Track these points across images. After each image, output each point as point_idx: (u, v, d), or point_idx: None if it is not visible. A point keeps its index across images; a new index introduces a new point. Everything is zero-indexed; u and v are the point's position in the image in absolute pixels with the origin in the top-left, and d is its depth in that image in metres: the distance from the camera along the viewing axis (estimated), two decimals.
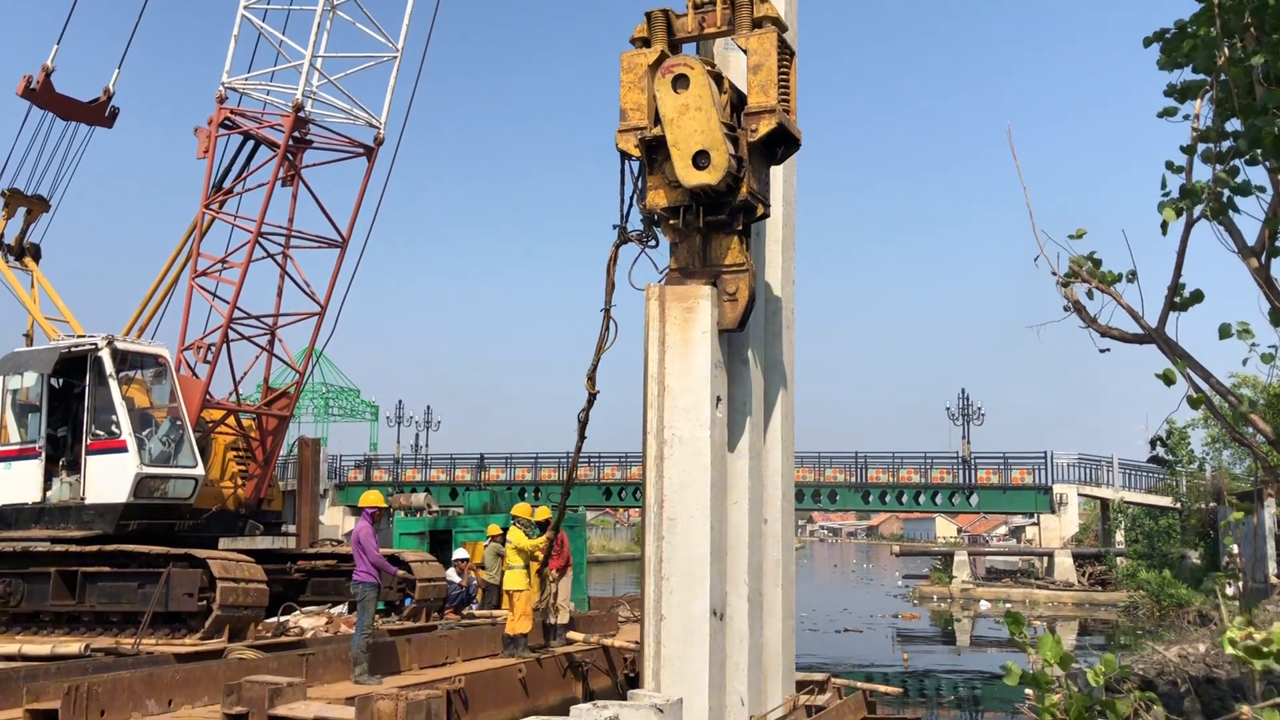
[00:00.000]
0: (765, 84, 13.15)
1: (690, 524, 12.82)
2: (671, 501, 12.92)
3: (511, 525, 15.83)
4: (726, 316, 13.45)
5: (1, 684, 10.79)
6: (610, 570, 68.42)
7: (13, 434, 17.46)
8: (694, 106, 12.77)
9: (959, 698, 23.72)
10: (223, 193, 19.35)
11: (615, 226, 14.02)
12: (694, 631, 12.63)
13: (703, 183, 12.62)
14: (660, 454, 13.06)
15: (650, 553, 12.96)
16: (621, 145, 13.51)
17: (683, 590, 12.74)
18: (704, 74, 12.75)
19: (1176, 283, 6.84)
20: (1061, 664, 4.05)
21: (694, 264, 13.72)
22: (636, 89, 13.51)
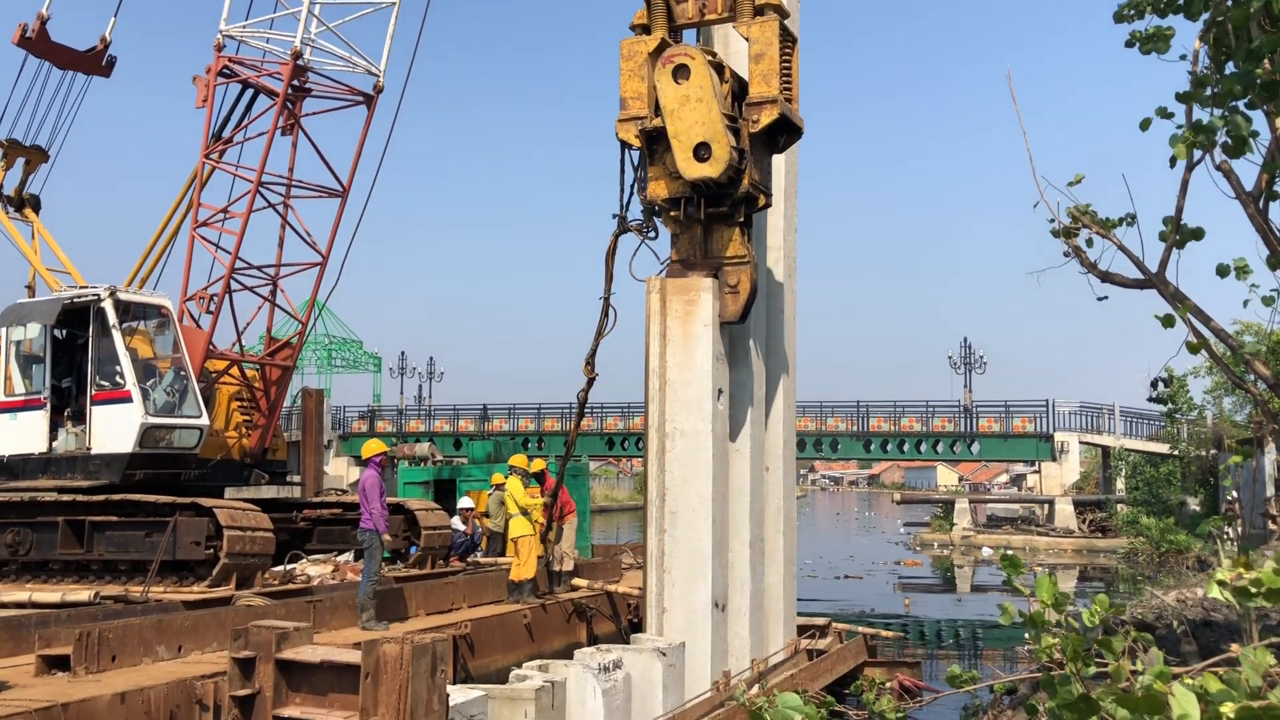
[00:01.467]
0: (767, 73, 12.87)
1: (692, 518, 12.87)
2: (674, 495, 12.96)
3: (510, 475, 15.96)
4: (728, 309, 13.34)
5: (14, 630, 10.94)
6: (614, 519, 68.90)
7: (17, 385, 17.53)
8: (695, 98, 12.50)
9: (959, 642, 23.99)
10: (222, 142, 19.25)
11: (615, 216, 13.87)
12: (696, 624, 12.75)
13: (704, 175, 12.44)
14: (662, 447, 13.07)
15: (652, 546, 13.05)
16: (622, 135, 13.29)
17: (685, 583, 12.83)
18: (705, 64, 12.48)
19: (1178, 222, 6.82)
20: (1057, 606, 4.10)
21: (695, 256, 13.58)
22: (636, 77, 13.22)
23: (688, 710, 11.61)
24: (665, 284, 13.14)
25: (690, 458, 12.87)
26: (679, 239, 13.39)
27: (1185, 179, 7.00)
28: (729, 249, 13.07)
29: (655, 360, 13.15)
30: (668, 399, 13.01)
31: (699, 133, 12.18)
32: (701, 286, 12.93)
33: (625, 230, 13.66)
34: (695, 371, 12.90)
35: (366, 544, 13.11)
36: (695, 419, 12.87)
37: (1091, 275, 7.94)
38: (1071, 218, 7.80)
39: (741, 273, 13.04)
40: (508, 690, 9.75)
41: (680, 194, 12.84)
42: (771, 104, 12.61)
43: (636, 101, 12.94)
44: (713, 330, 12.90)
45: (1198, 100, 6.31)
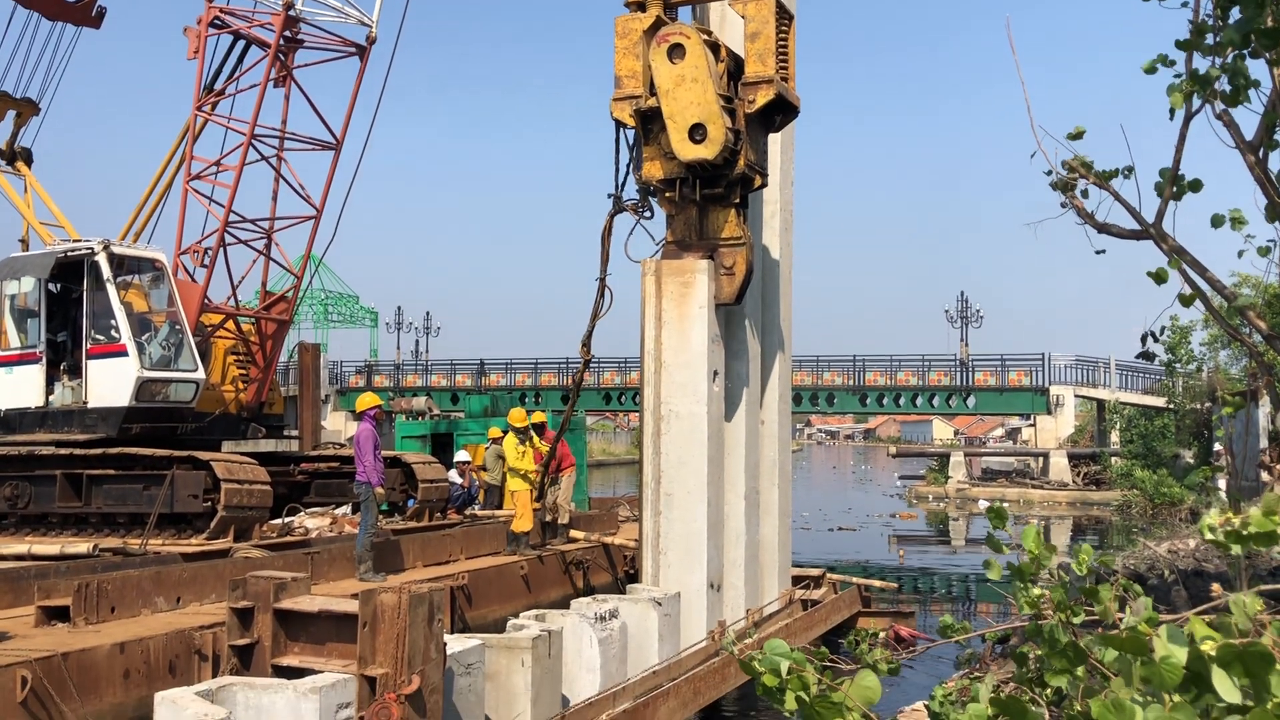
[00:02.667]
0: (763, 53, 12.70)
1: (688, 499, 12.90)
2: (669, 477, 12.98)
3: (509, 433, 15.91)
4: (724, 291, 13.28)
5: (13, 582, 11.01)
6: (610, 473, 69.18)
7: (12, 339, 17.51)
8: (690, 78, 12.33)
9: (953, 593, 24.21)
10: (214, 94, 19.06)
11: (610, 196, 13.75)
12: (692, 605, 12.83)
13: (699, 157, 12.32)
14: (657, 430, 13.06)
15: (648, 528, 13.09)
16: (616, 114, 13.12)
17: (680, 565, 12.89)
18: (700, 44, 12.30)
19: (1175, 174, 6.78)
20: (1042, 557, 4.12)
21: (690, 237, 13.48)
22: (631, 55, 13.03)
23: (683, 659, 11.74)
24: (660, 266, 13.07)
25: (686, 440, 12.87)
26: (674, 220, 13.30)
27: (1183, 129, 6.94)
28: (725, 230, 12.99)
29: (650, 343, 13.11)
30: (663, 382, 12.99)
31: (694, 114, 12.05)
32: (697, 269, 12.86)
33: (620, 210, 13.58)
34: (691, 354, 12.87)
35: (362, 497, 13.16)
36: (691, 401, 12.86)
37: (1088, 226, 7.91)
38: (1068, 169, 7.75)
39: (737, 254, 12.98)
40: (505, 639, 9.84)
41: (675, 175, 12.74)
42: (768, 84, 12.47)
43: (631, 80, 12.78)
44: (708, 312, 12.85)
45: (1198, 48, 6.24)
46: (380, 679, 7.38)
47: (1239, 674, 2.47)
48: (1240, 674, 2.46)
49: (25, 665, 8.12)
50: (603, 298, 13.92)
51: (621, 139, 13.41)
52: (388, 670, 7.37)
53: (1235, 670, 2.47)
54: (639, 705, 9.93)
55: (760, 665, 2.71)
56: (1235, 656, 2.46)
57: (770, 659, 2.68)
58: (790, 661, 2.66)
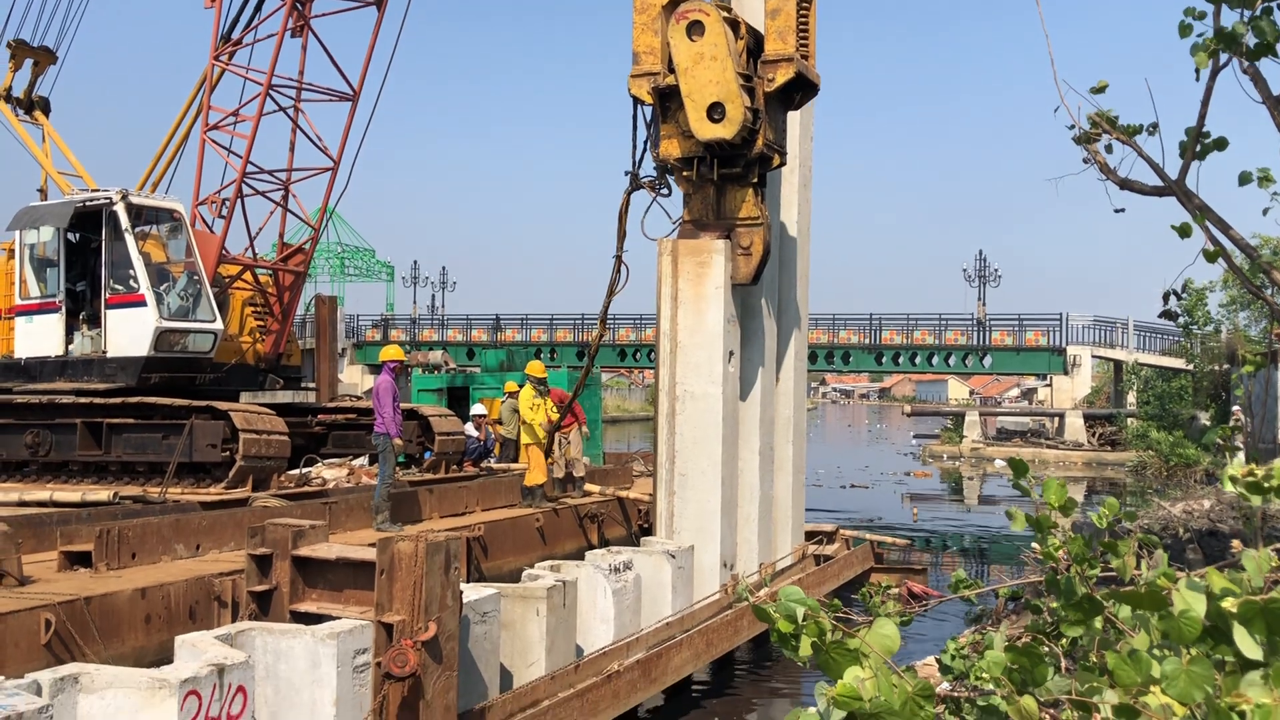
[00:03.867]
0: (783, 30, 12.50)
1: (702, 479, 12.92)
2: (684, 457, 12.99)
3: (526, 384, 15.94)
4: (740, 271, 13.18)
5: (36, 528, 11.14)
6: (625, 429, 69.39)
7: (32, 288, 17.59)
8: (709, 56, 12.15)
9: (965, 551, 24.27)
10: (232, 44, 18.96)
11: (627, 173, 13.62)
12: (705, 584, 12.87)
13: (717, 136, 12.18)
14: (672, 410, 13.05)
15: (662, 508, 13.13)
16: (634, 91, 12.97)
17: (695, 545, 12.91)
18: (720, 21, 12.12)
19: (1200, 130, 6.69)
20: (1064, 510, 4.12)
21: (707, 216, 13.36)
22: (650, 31, 12.85)
23: (696, 610, 11.83)
24: (677, 245, 12.98)
25: (701, 420, 12.87)
26: (691, 199, 13.19)
27: (1209, 85, 6.84)
28: (742, 210, 12.88)
29: (666, 323, 13.06)
30: (678, 362, 12.96)
31: (713, 92, 11.92)
32: (714, 249, 12.77)
33: (638, 188, 13.48)
34: (706, 334, 12.83)
35: (380, 448, 13.22)
36: (706, 382, 12.84)
37: (1110, 182, 7.83)
38: (1091, 123, 7.65)
39: (754, 234, 12.87)
40: (520, 589, 9.93)
41: (693, 153, 12.62)
42: (788, 62, 12.30)
43: (649, 56, 12.62)
44: (724, 292, 12.79)
45: (1227, 1, 6.15)
46: (397, 626, 7.46)
47: (1260, 630, 2.47)
48: (1261, 630, 2.47)
49: (49, 608, 8.23)
50: (619, 275, 13.92)
51: (639, 115, 13.30)
52: (404, 617, 7.44)
53: (1256, 626, 2.47)
54: (652, 656, 10.03)
55: (776, 612, 2.73)
56: (1257, 612, 2.46)
57: (786, 605, 2.69)
58: (806, 608, 2.68)
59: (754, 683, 12.82)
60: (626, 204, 13.55)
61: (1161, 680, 2.54)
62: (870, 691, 2.51)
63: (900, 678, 2.58)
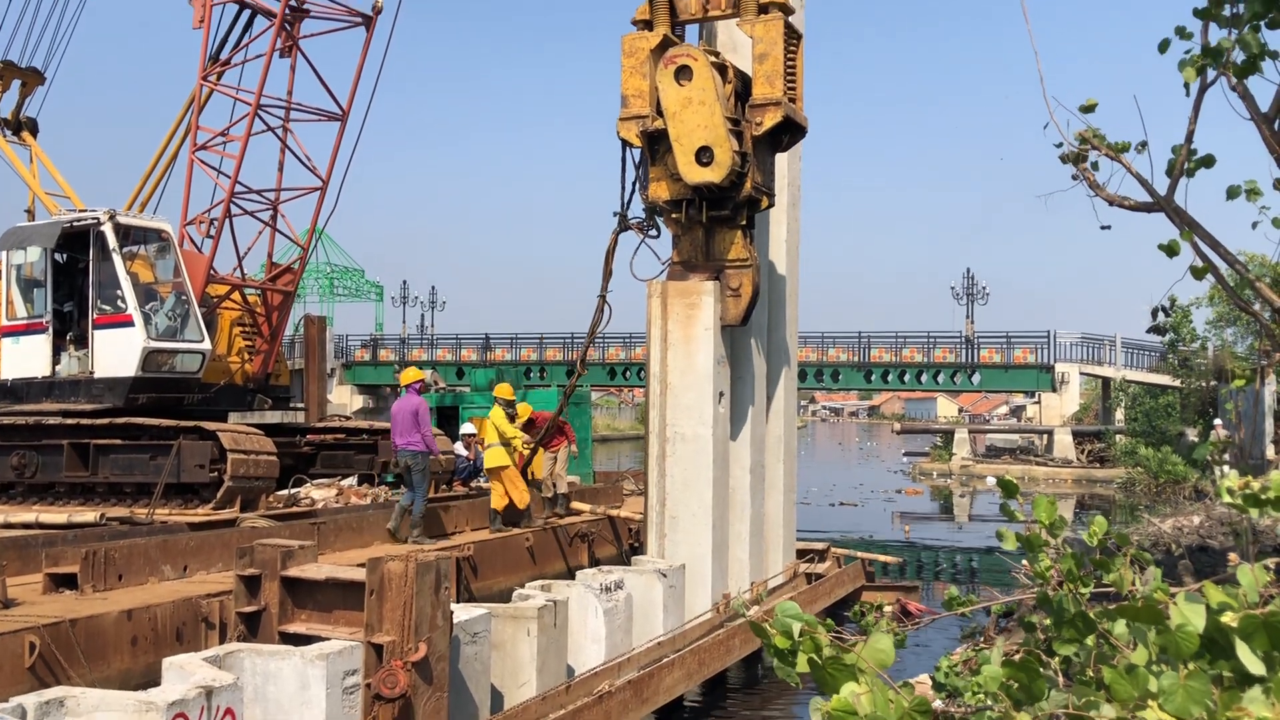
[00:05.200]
0: (771, 74, 12.53)
1: (693, 523, 12.88)
2: (674, 499, 12.95)
3: (495, 405, 15.65)
4: (730, 312, 13.18)
5: (21, 550, 11.04)
6: (615, 448, 69.27)
7: (19, 309, 17.51)
8: (697, 100, 12.18)
9: (957, 569, 24.25)
10: (220, 64, 18.98)
11: (615, 214, 13.64)
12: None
13: (706, 180, 12.21)
14: (663, 452, 13.01)
15: (652, 551, 13.09)
16: (623, 134, 12.99)
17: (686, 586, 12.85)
18: (708, 66, 12.15)
19: (1188, 148, 6.73)
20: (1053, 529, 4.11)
21: (697, 257, 13.38)
22: (638, 74, 12.88)
23: (688, 630, 11.78)
24: (666, 288, 13.00)
25: (691, 463, 12.84)
26: (680, 240, 13.22)
27: (1197, 102, 6.88)
28: (731, 251, 12.91)
29: (656, 365, 13.05)
30: (668, 404, 12.94)
31: (701, 136, 11.94)
32: (703, 290, 12.78)
33: (626, 229, 13.51)
34: (696, 376, 12.82)
35: (418, 465, 13.53)
36: (696, 424, 12.82)
37: (1099, 199, 7.86)
38: (1080, 140, 7.69)
39: (743, 276, 12.89)
40: (511, 609, 9.88)
41: (682, 196, 12.64)
42: (775, 106, 12.33)
43: (638, 99, 12.64)
44: (714, 334, 12.79)
45: (1215, 19, 6.19)
46: (387, 646, 7.41)
47: (1261, 644, 2.46)
48: (1263, 644, 2.46)
49: (33, 631, 8.15)
50: (601, 314, 13.98)
51: (628, 157, 13.34)
52: (394, 638, 7.39)
53: (1258, 641, 2.46)
54: (644, 676, 9.97)
55: (772, 627, 2.70)
56: (1258, 627, 2.45)
57: (782, 621, 2.67)
58: (803, 623, 2.65)
59: (746, 703, 12.75)
60: (614, 244, 13.59)
61: (1159, 695, 2.52)
62: (866, 706, 2.49)
63: (896, 693, 2.56)
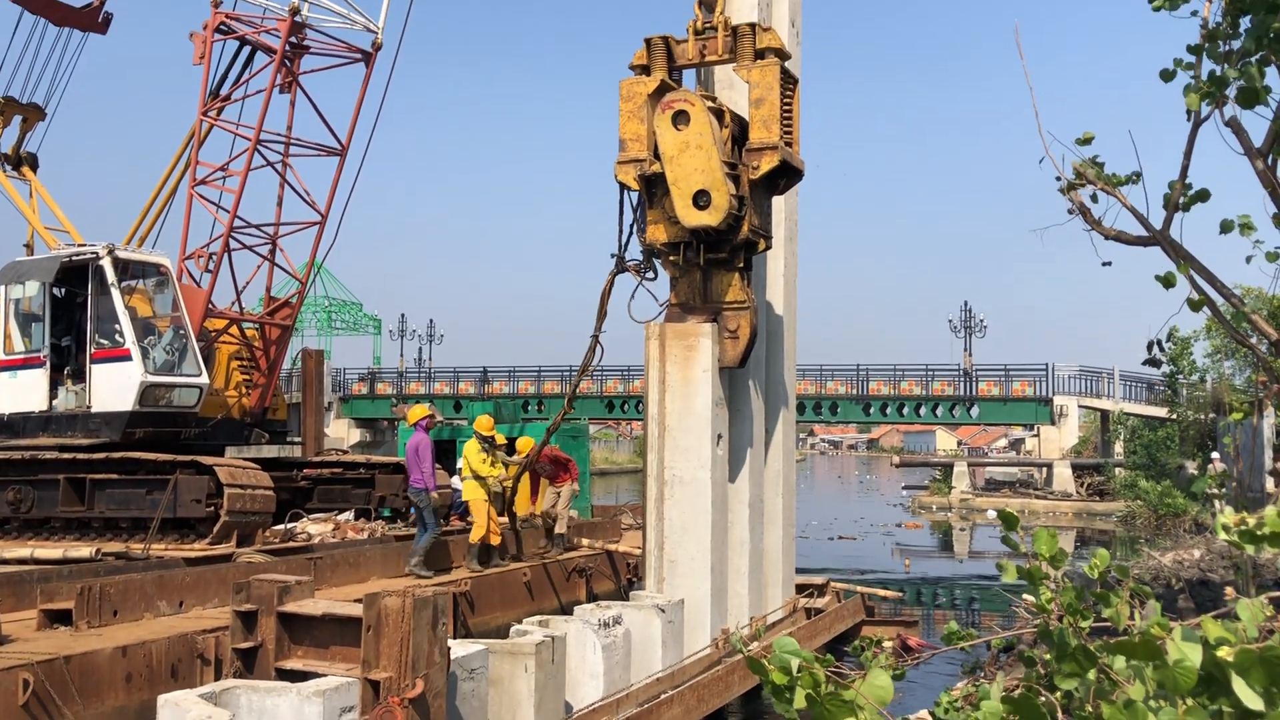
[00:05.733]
0: (767, 119, 12.65)
1: (691, 566, 12.82)
2: (672, 543, 12.90)
3: (472, 439, 15.31)
4: (727, 354, 13.21)
5: (16, 586, 10.99)
6: (613, 481, 69.11)
7: (17, 343, 17.52)
8: (694, 145, 12.28)
9: (956, 603, 24.14)
10: (220, 99, 19.11)
11: (613, 256, 13.73)
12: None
13: (703, 224, 12.29)
14: (661, 495, 12.97)
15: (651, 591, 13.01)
16: (621, 178, 13.09)
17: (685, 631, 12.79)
18: (705, 111, 12.26)
19: (1183, 181, 6.76)
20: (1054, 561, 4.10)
21: (694, 300, 13.43)
22: (636, 119, 12.99)
23: (687, 666, 11.70)
24: (664, 330, 13.03)
25: (689, 505, 12.79)
26: (678, 283, 13.27)
27: (1192, 135, 6.92)
28: (729, 294, 12.96)
29: (654, 407, 13.05)
30: (667, 446, 12.92)
31: (698, 180, 12.03)
32: (700, 332, 12.81)
33: (623, 270, 13.58)
34: (695, 418, 12.81)
35: (421, 503, 13.64)
36: (694, 466, 12.79)
37: (1096, 234, 7.89)
38: (1076, 173, 7.73)
39: (741, 318, 12.93)
40: (508, 645, 9.81)
41: (679, 239, 12.71)
42: (772, 150, 12.42)
43: (635, 143, 12.74)
44: (712, 375, 12.80)
45: (1210, 55, 6.24)
46: (384, 683, 7.35)
47: (1259, 680, 2.45)
48: (1260, 680, 2.44)
49: (27, 668, 8.09)
50: (593, 354, 14.03)
51: (626, 200, 13.42)
52: (391, 674, 7.34)
53: (1255, 676, 2.44)
54: (642, 712, 9.89)
55: (770, 663, 2.69)
56: (1254, 662, 2.44)
57: (780, 656, 2.66)
58: (800, 659, 2.64)
59: None
60: (610, 286, 13.63)
61: None
62: None
63: None
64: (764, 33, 12.61)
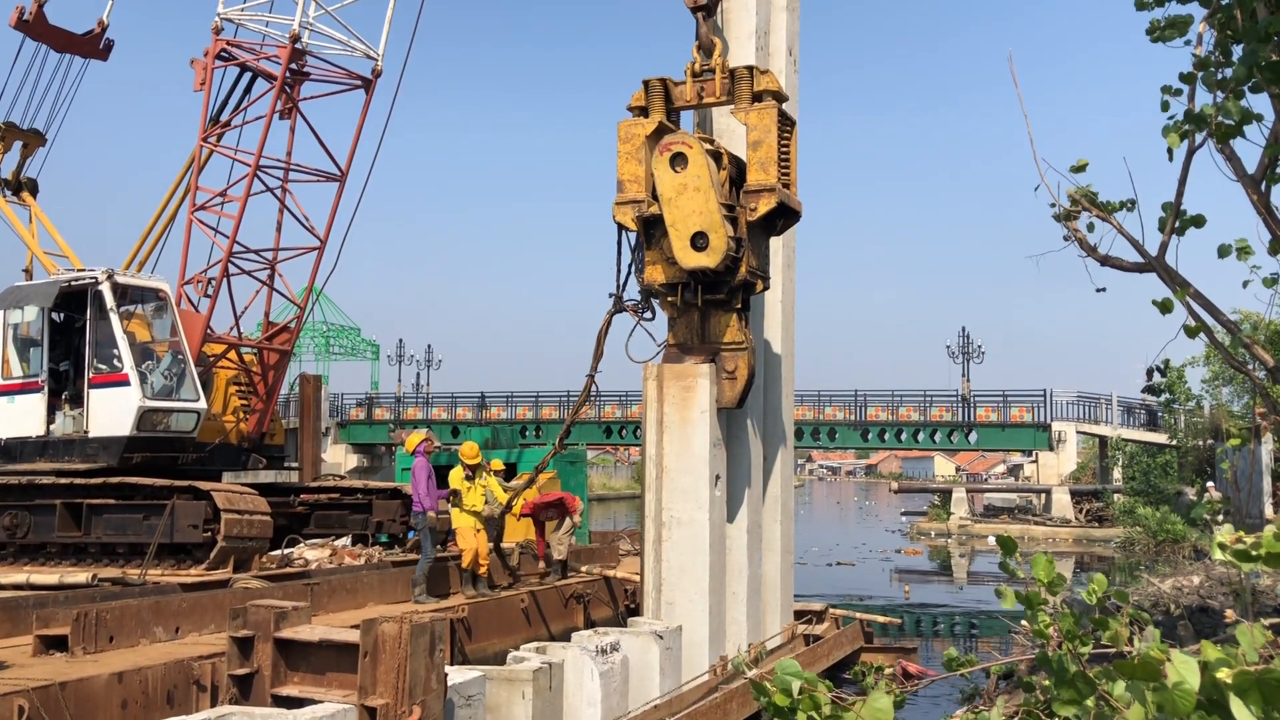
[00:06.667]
0: (765, 161, 12.73)
1: (690, 608, 12.80)
2: (670, 586, 12.88)
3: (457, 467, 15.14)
4: (725, 395, 13.23)
5: (12, 611, 10.95)
6: (610, 507, 68.96)
7: (15, 368, 17.51)
8: (692, 187, 12.35)
9: (955, 629, 24.05)
10: (220, 125, 19.21)
11: (611, 295, 13.80)
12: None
13: (701, 265, 12.36)
14: (659, 537, 12.95)
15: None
16: (619, 218, 13.17)
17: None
18: (702, 154, 12.35)
19: (1178, 209, 6.81)
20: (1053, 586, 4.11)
21: (692, 340, 13.46)
22: (634, 160, 13.07)
23: (685, 693, 11.65)
24: (662, 370, 13.04)
25: (688, 547, 12.76)
26: (676, 323, 13.31)
27: (1186, 163, 6.97)
28: (726, 334, 12.99)
29: (652, 448, 13.04)
30: (664, 487, 12.90)
31: (696, 222, 12.09)
32: (698, 373, 12.82)
33: (621, 310, 13.63)
34: (693, 459, 12.79)
35: (418, 525, 13.72)
36: (693, 508, 12.76)
37: (1091, 260, 7.92)
38: (1071, 200, 7.78)
39: (739, 359, 12.96)
40: (506, 671, 9.77)
41: (677, 280, 12.76)
42: (770, 192, 12.49)
43: (634, 184, 12.80)
44: (710, 416, 12.80)
45: (1204, 83, 6.29)
46: (381, 709, 7.32)
47: (1256, 702, 2.45)
48: (1257, 702, 2.45)
49: (23, 694, 8.05)
50: (587, 395, 14.08)
51: (624, 240, 13.49)
52: (388, 700, 7.30)
53: (1252, 698, 2.45)
54: None
55: (772, 685, 2.69)
56: (1252, 684, 2.44)
57: (782, 679, 2.66)
58: (802, 681, 2.64)
59: None
60: (607, 325, 13.67)
61: None
62: None
63: None
64: (761, 75, 12.69)
